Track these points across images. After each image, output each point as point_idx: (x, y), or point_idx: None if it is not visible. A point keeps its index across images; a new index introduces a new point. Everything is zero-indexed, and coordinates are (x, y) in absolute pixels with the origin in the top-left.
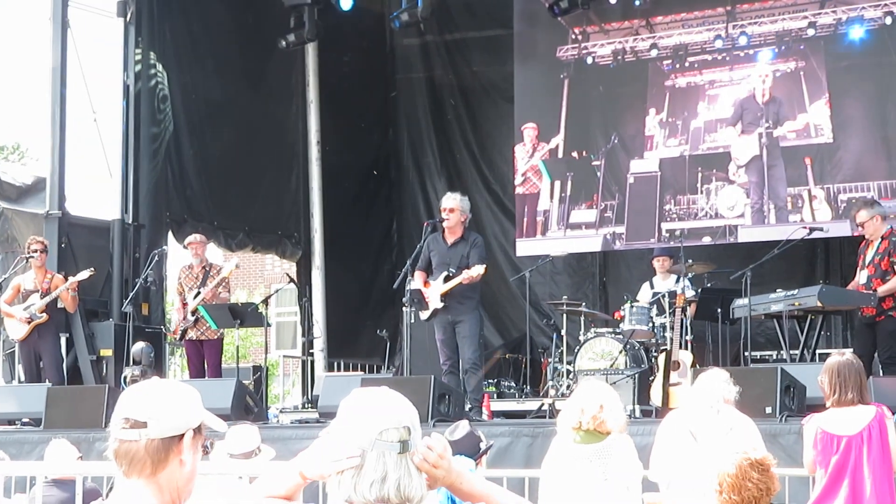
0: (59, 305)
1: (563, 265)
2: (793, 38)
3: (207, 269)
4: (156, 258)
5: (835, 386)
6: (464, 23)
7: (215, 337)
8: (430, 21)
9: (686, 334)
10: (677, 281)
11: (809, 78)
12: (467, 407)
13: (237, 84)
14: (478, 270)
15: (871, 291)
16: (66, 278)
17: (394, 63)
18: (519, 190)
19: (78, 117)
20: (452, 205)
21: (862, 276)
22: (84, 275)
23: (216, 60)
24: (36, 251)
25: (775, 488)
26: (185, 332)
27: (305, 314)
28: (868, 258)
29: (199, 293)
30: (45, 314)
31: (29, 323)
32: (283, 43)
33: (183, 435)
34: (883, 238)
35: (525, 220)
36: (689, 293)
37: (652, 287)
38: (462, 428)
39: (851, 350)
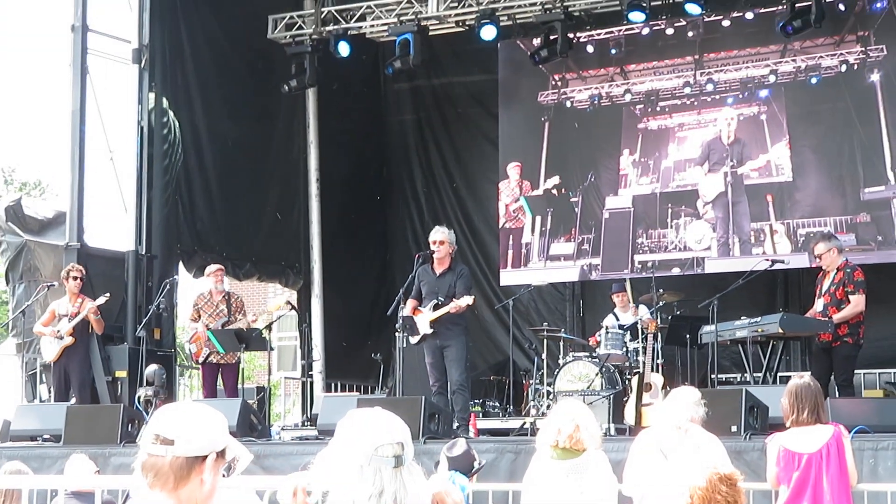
0: (89, 331)
1: (543, 294)
2: (755, 84)
3: (228, 297)
4: (167, 287)
5: (794, 406)
6: (451, 69)
7: (233, 361)
8: (421, 67)
9: (657, 358)
10: (637, 310)
11: (771, 121)
12: (455, 425)
13: (244, 124)
14: (466, 301)
15: (827, 319)
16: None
17: (387, 106)
18: (507, 224)
19: (95, 156)
20: (442, 237)
21: (819, 305)
22: (101, 300)
23: (224, 103)
24: (76, 278)
25: (742, 502)
26: (208, 356)
27: (305, 338)
28: (824, 288)
29: (226, 322)
30: (72, 336)
31: (59, 341)
32: (286, 88)
33: (206, 456)
34: (838, 269)
35: (510, 252)
36: (646, 316)
37: (617, 318)
38: (460, 446)
39: (810, 373)
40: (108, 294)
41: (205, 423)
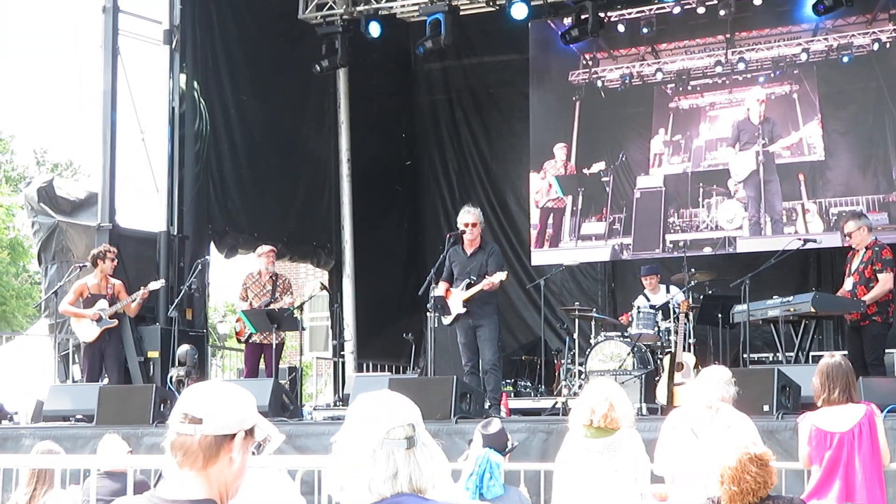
0: (121, 312)
1: (575, 273)
2: (787, 63)
3: (275, 278)
4: (199, 267)
5: (825, 386)
6: (482, 49)
7: (277, 342)
8: (451, 47)
9: (689, 338)
10: (667, 292)
11: (803, 100)
12: (487, 405)
13: (274, 105)
14: (500, 276)
15: (858, 298)
16: (125, 284)
17: (417, 86)
18: (549, 204)
19: (127, 137)
20: (473, 219)
21: (848, 283)
22: (155, 285)
23: (254, 83)
24: (113, 260)
25: (773, 482)
26: (250, 335)
27: (336, 319)
28: (854, 267)
29: (269, 302)
30: (115, 319)
31: (99, 323)
32: (318, 68)
33: (235, 435)
34: (867, 248)
35: (549, 230)
36: (680, 297)
37: (647, 299)
38: (495, 424)
39: (844, 352)
40: (163, 280)
41: (233, 402)
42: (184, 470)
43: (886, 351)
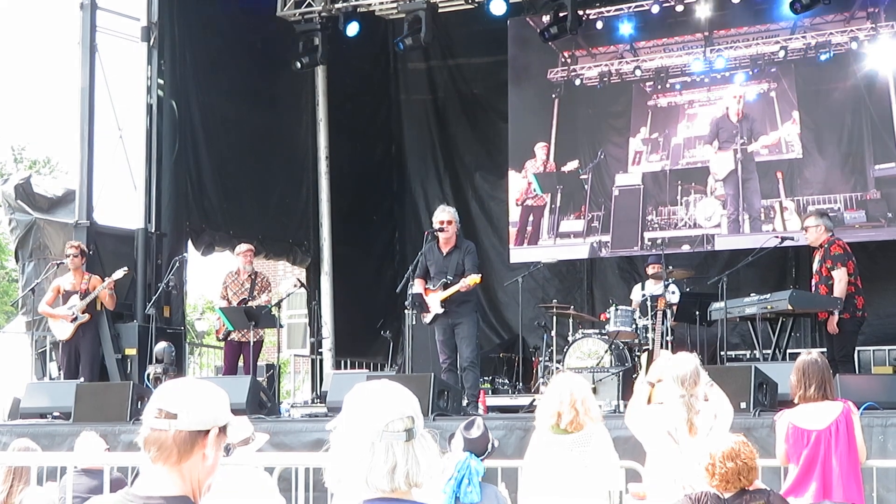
0: (98, 307)
1: (553, 271)
2: (766, 61)
3: (254, 276)
4: (176, 264)
5: (801, 382)
6: (461, 47)
7: (255, 339)
8: (431, 44)
9: (667, 335)
10: (666, 286)
11: (781, 98)
12: (465, 402)
13: (251, 102)
14: (473, 279)
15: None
16: (102, 279)
17: (396, 84)
18: (528, 202)
19: (105, 133)
20: (448, 217)
21: (813, 283)
22: (119, 274)
23: (232, 81)
24: (69, 255)
25: (757, 473)
26: (228, 333)
27: (314, 316)
28: (815, 266)
29: (246, 300)
30: (87, 314)
31: (73, 322)
32: (299, 65)
33: (209, 431)
34: (821, 247)
35: (529, 228)
36: (674, 298)
37: (643, 290)
38: (478, 427)
39: (821, 350)
40: (126, 268)
41: (208, 399)
42: (157, 465)
43: (863, 349)
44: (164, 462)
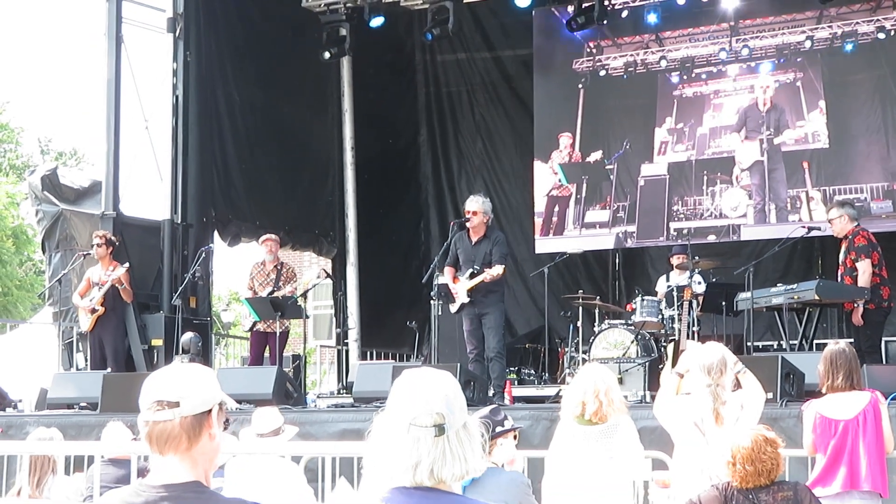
0: (123, 298)
1: (579, 261)
2: (791, 51)
3: (279, 267)
4: (202, 255)
5: (829, 372)
6: (487, 37)
7: (281, 330)
8: (459, 37)
9: (693, 325)
10: (691, 276)
11: (807, 88)
12: (491, 392)
13: (277, 94)
14: (497, 271)
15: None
16: (128, 269)
17: (421, 75)
18: (553, 192)
19: (131, 125)
20: (475, 207)
21: (839, 274)
22: (119, 271)
23: (258, 72)
24: (95, 245)
25: (782, 467)
26: (254, 324)
27: (340, 307)
28: (840, 256)
29: (272, 290)
30: (102, 306)
31: (93, 314)
32: (327, 55)
33: (211, 410)
34: (846, 237)
35: (555, 219)
36: (700, 288)
37: (668, 281)
38: (484, 409)
39: (849, 340)
40: (127, 264)
41: (202, 380)
42: (167, 456)
43: (890, 339)
44: (174, 451)
